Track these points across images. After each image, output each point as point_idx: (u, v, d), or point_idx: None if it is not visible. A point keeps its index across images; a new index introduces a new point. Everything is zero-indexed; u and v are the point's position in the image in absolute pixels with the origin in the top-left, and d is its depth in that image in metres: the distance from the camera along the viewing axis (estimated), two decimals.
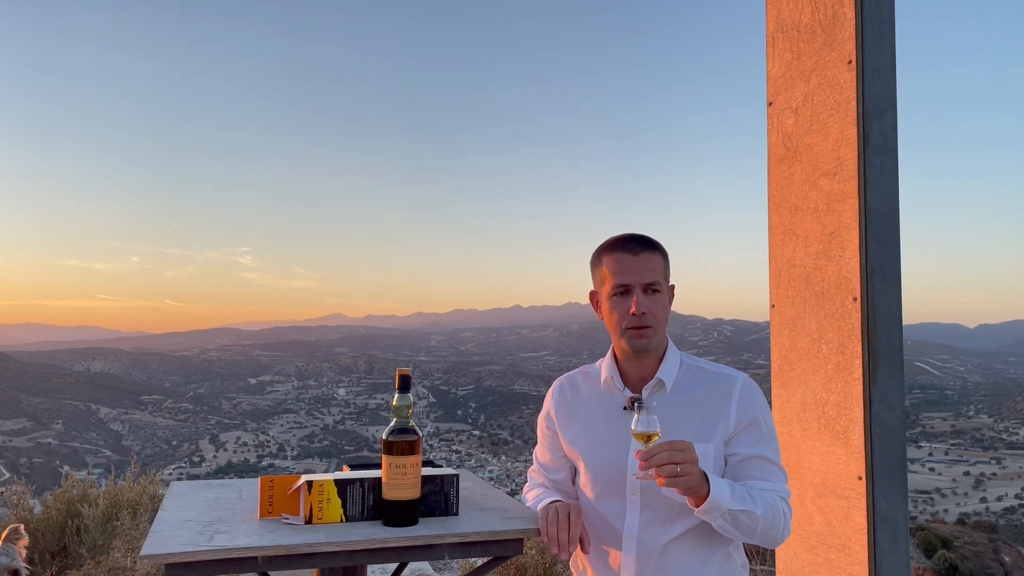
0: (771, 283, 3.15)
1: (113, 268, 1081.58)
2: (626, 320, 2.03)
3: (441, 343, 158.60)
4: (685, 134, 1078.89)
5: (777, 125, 3.12)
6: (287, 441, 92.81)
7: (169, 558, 1.71)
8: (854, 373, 2.68)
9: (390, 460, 1.93)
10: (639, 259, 2.03)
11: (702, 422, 2.03)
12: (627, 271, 2.03)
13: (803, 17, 2.98)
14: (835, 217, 2.79)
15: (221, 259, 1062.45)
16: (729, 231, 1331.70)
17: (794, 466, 2.93)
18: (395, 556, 1.90)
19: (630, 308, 2.02)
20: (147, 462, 52.87)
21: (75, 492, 5.95)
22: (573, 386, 2.26)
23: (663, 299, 2.06)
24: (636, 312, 2.01)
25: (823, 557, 2.80)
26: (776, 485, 2.02)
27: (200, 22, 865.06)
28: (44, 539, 5.65)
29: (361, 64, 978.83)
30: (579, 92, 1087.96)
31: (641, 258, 2.04)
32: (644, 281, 2.03)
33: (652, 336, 2.04)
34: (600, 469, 2.11)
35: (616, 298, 2.06)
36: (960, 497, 74.59)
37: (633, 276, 2.03)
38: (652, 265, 2.04)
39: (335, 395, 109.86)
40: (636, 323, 2.02)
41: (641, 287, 2.02)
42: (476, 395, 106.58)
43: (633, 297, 2.02)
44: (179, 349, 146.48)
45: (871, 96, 2.69)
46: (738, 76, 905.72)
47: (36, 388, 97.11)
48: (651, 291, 2.03)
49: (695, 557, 2.03)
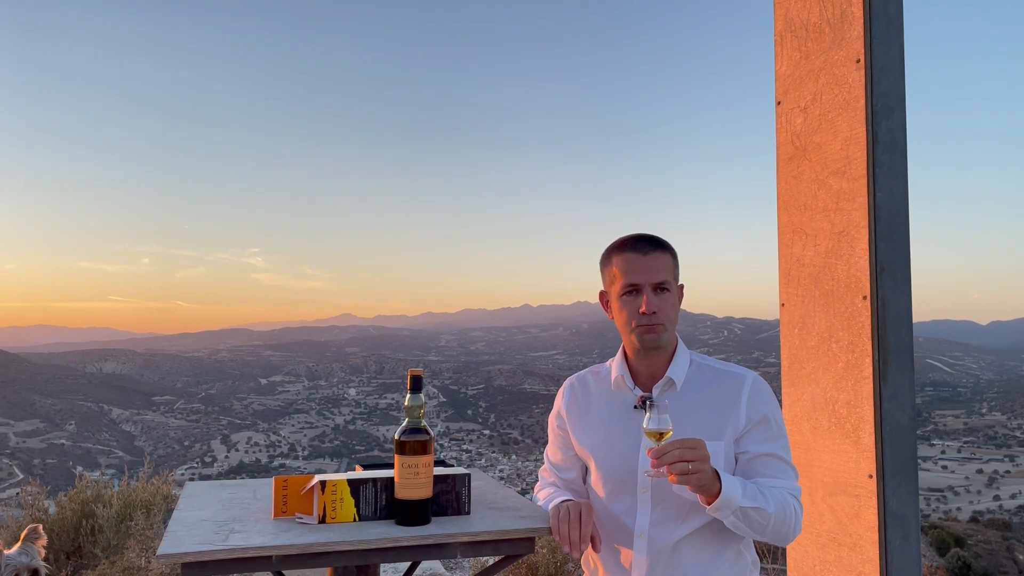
0: (781, 282, 3.15)
1: (124, 270, 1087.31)
2: (636, 319, 2.05)
3: (451, 343, 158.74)
4: (696, 132, 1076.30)
5: (786, 124, 3.13)
6: (298, 441, 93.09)
7: (185, 557, 1.73)
8: (864, 371, 2.69)
9: (402, 460, 1.95)
10: (648, 259, 2.05)
11: (712, 420, 2.04)
12: (636, 271, 2.05)
13: (811, 16, 2.99)
14: (844, 216, 2.79)
15: (231, 260, 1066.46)
16: (739, 229, 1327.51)
17: (805, 464, 2.93)
18: (408, 555, 1.91)
19: (640, 307, 2.04)
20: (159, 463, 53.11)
21: (89, 493, 5.98)
22: (584, 385, 2.28)
23: (672, 298, 2.08)
24: (646, 311, 2.02)
25: (834, 555, 2.81)
26: (787, 483, 2.03)
27: (211, 24, 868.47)
28: (59, 539, 5.69)
29: (371, 65, 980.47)
30: (591, 90, 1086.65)
31: (650, 258, 2.05)
32: (653, 280, 2.04)
33: (662, 332, 2.05)
34: (611, 468, 2.12)
35: (626, 297, 2.07)
36: (973, 495, 74.17)
37: (642, 276, 2.04)
38: (661, 264, 2.06)
39: (345, 395, 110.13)
40: (646, 321, 2.04)
41: (651, 286, 2.04)
42: (486, 394, 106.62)
43: (643, 296, 2.04)
44: (190, 350, 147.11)
45: (880, 95, 2.69)
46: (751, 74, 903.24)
47: (49, 389, 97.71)
48: (660, 290, 2.05)
49: (706, 555, 2.04)
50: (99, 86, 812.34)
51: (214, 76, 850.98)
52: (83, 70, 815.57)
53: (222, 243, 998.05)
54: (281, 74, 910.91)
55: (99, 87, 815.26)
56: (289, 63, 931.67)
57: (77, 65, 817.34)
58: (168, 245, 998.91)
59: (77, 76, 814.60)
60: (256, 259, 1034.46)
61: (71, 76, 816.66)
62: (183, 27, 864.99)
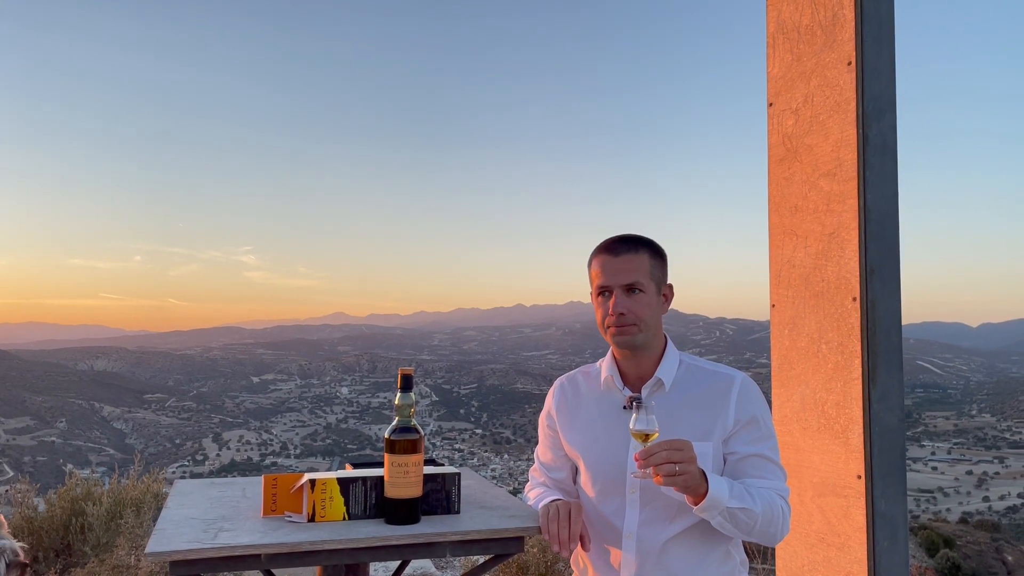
0: (771, 283, 3.16)
1: (116, 267, 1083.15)
2: (607, 319, 2.09)
3: (444, 342, 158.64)
4: (689, 132, 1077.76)
5: (777, 126, 3.14)
6: (290, 440, 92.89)
7: (173, 555, 1.72)
8: (853, 373, 2.70)
9: (392, 459, 1.95)
10: (619, 260, 2.08)
11: (701, 421, 2.05)
12: (607, 272, 2.09)
13: (803, 18, 3.00)
14: (835, 218, 2.80)
15: (224, 258, 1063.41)
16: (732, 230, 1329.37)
17: (794, 465, 2.95)
18: (397, 554, 1.92)
19: (609, 308, 2.07)
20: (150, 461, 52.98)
21: (79, 490, 5.97)
22: (574, 386, 2.28)
23: (647, 298, 2.08)
24: (613, 312, 2.06)
25: (823, 555, 2.82)
26: (775, 483, 2.04)
27: (202, 19, 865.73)
28: (48, 537, 5.68)
29: (363, 63, 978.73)
30: (585, 89, 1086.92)
31: (621, 259, 2.08)
32: (623, 282, 2.06)
33: (635, 333, 2.07)
34: (600, 468, 2.13)
35: (599, 299, 2.12)
36: (963, 496, 74.49)
37: (612, 277, 2.07)
38: (633, 266, 2.07)
39: (338, 394, 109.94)
40: (615, 322, 2.06)
41: (621, 287, 2.06)
42: (478, 394, 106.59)
43: (612, 298, 2.06)
44: (182, 348, 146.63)
45: (871, 97, 2.71)
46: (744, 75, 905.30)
47: (40, 387, 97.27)
48: (633, 291, 2.06)
49: (695, 555, 2.05)
50: (91, 82, 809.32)
51: (206, 72, 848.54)
52: (75, 66, 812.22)
53: (215, 241, 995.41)
54: (275, 72, 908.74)
55: (91, 83, 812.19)
56: (283, 60, 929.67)
57: (69, 61, 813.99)
58: (160, 242, 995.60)
59: (68, 72, 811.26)
60: (249, 257, 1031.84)
61: (63, 72, 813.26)
62: (176, 23, 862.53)
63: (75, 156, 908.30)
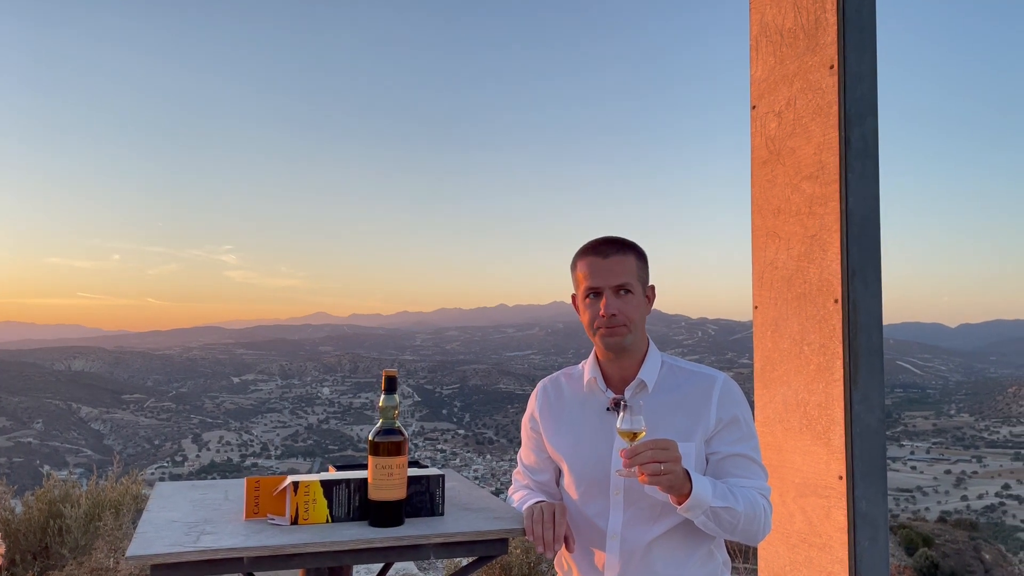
0: (754, 285, 3.18)
1: (94, 266, 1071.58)
2: (597, 321, 2.08)
3: (426, 342, 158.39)
4: (671, 134, 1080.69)
5: (760, 128, 3.15)
6: (271, 440, 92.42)
7: (155, 559, 1.71)
8: (835, 374, 2.72)
9: (376, 461, 1.94)
10: (608, 262, 2.08)
11: (683, 421, 2.06)
12: (597, 274, 2.08)
13: (786, 22, 3.01)
14: (817, 220, 2.82)
15: (204, 257, 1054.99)
16: (715, 231, 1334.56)
17: (776, 466, 2.96)
18: (381, 556, 1.91)
19: (600, 310, 2.06)
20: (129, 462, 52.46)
21: (57, 492, 5.90)
22: (557, 388, 2.29)
23: (636, 300, 2.09)
24: (604, 314, 2.05)
25: (804, 555, 2.84)
26: (756, 482, 2.05)
27: (185, 16, 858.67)
28: (26, 540, 5.61)
29: (343, 61, 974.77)
30: (565, 91, 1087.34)
31: (611, 261, 2.08)
32: (613, 283, 2.06)
33: (625, 334, 2.07)
34: (584, 470, 2.13)
35: (588, 300, 2.11)
36: (941, 495, 75.32)
37: (602, 279, 2.07)
38: (622, 268, 2.08)
39: (319, 394, 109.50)
40: (606, 323, 2.06)
41: (611, 289, 2.06)
42: (461, 394, 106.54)
43: (603, 299, 2.06)
44: (161, 348, 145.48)
45: (853, 101, 2.73)
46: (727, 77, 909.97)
47: (16, 387, 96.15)
48: (622, 292, 2.07)
49: (678, 555, 2.06)
50: (71, 79, 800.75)
51: (189, 70, 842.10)
52: (51, 62, 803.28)
53: (195, 240, 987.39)
54: (258, 72, 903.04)
55: (71, 80, 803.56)
56: (265, 60, 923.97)
57: (45, 56, 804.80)
58: (139, 241, 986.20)
59: (46, 68, 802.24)
60: (229, 256, 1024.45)
61: (39, 68, 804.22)
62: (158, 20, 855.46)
63: (52, 154, 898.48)
